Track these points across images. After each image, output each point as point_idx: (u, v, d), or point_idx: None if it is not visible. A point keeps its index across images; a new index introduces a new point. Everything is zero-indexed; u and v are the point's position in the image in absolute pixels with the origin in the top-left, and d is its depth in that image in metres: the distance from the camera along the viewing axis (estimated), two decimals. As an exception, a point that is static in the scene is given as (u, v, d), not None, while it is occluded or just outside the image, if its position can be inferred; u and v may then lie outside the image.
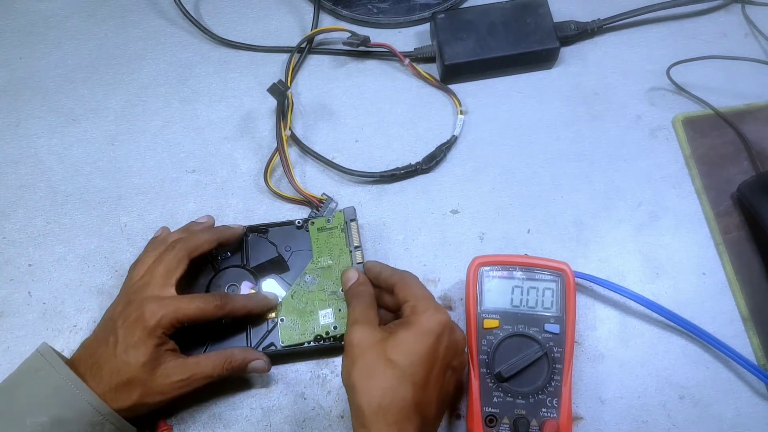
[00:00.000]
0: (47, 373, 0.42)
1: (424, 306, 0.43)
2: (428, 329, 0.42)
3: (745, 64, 0.60)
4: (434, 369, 0.41)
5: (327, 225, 0.53)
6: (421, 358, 0.41)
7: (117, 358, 0.43)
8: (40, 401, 0.41)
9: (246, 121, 0.60)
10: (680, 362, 0.51)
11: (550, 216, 0.56)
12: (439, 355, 0.42)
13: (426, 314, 0.42)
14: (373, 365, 0.40)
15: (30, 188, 0.57)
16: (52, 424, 0.40)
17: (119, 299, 0.47)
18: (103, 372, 0.43)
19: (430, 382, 0.41)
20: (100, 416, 0.42)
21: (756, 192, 0.54)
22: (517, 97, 0.61)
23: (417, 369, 0.40)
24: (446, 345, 0.42)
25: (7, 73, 0.62)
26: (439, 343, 0.42)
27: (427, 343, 0.41)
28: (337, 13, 0.64)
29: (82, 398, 0.41)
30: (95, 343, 0.45)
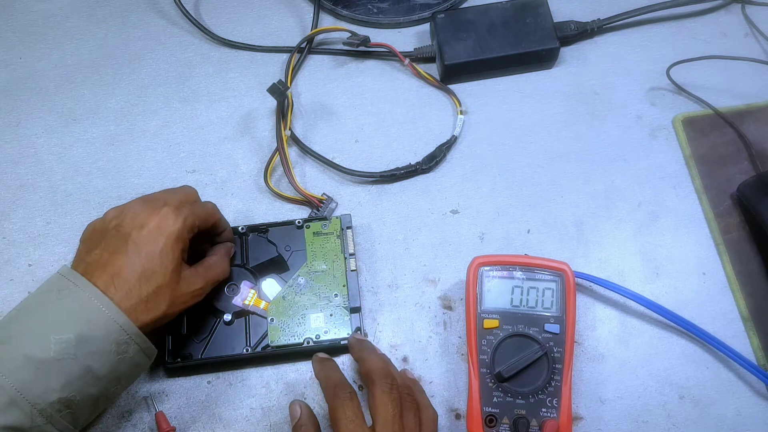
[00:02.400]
0: (71, 292, 0.40)
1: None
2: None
3: (745, 64, 0.60)
4: None
5: (323, 230, 0.53)
6: None
7: (144, 266, 0.41)
8: (65, 318, 0.39)
9: (246, 121, 0.60)
10: (680, 362, 0.51)
11: (550, 216, 0.56)
12: None
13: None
14: None
15: (30, 188, 0.57)
16: (78, 342, 0.38)
17: (121, 212, 0.44)
18: (130, 283, 0.41)
19: None
20: (127, 335, 0.40)
21: (756, 192, 0.54)
22: (517, 97, 0.61)
23: None
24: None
25: (7, 73, 0.62)
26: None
27: None
28: (337, 13, 0.64)
29: (109, 316, 0.39)
30: (107, 254, 0.42)
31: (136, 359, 0.41)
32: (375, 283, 0.53)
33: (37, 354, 0.38)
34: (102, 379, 0.40)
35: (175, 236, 0.43)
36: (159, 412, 0.48)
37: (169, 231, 0.42)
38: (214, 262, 0.47)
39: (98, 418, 0.49)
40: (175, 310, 0.43)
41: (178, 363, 0.49)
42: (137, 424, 0.49)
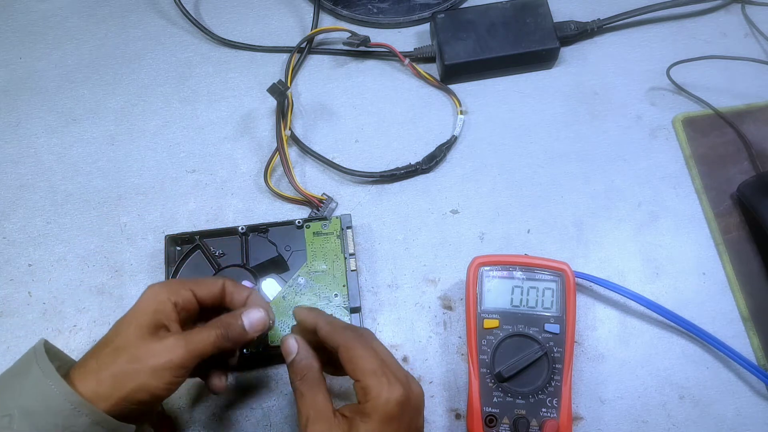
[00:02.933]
0: (28, 368, 0.38)
1: (377, 386, 0.38)
2: (387, 415, 0.38)
3: (745, 64, 0.60)
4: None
5: (323, 230, 0.53)
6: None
7: (108, 339, 0.39)
8: (15, 394, 0.37)
9: (246, 121, 0.60)
10: (680, 362, 0.51)
11: (550, 216, 0.56)
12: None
13: (381, 398, 0.38)
14: None
15: (30, 188, 0.57)
16: (21, 416, 0.35)
17: None
18: (92, 359, 0.38)
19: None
20: (71, 406, 0.36)
21: (756, 192, 0.54)
22: (517, 97, 0.61)
23: None
24: (408, 419, 0.39)
25: (7, 73, 0.62)
26: (401, 422, 0.38)
27: (390, 430, 0.38)
28: (337, 13, 0.64)
29: (50, 386, 0.36)
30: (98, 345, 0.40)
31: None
32: (375, 283, 0.53)
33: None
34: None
35: (150, 308, 0.40)
36: (159, 411, 0.48)
37: (143, 303, 0.40)
38: (203, 332, 0.40)
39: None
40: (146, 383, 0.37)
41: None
42: (137, 424, 0.49)
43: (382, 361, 0.39)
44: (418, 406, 0.40)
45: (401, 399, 0.38)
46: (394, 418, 0.38)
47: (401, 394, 0.38)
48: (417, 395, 0.40)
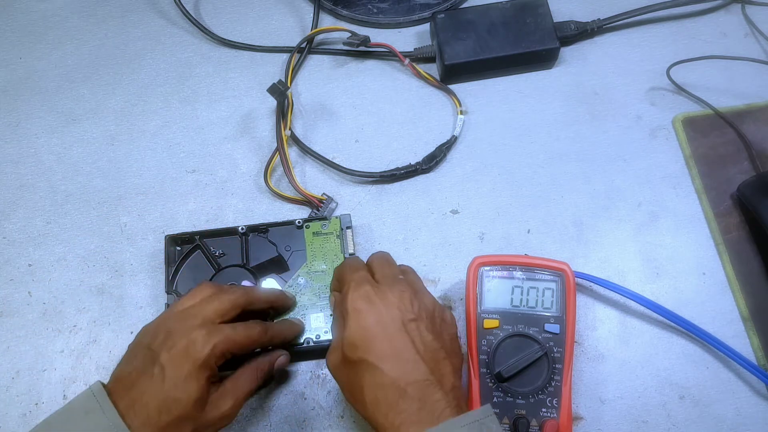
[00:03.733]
0: (95, 415, 0.38)
1: (345, 290, 0.42)
2: (356, 310, 0.41)
3: (745, 64, 0.60)
4: (392, 336, 0.40)
5: (323, 230, 0.53)
6: (370, 338, 0.40)
7: (165, 394, 0.39)
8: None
9: (246, 121, 0.60)
10: (680, 362, 0.51)
11: (550, 216, 0.56)
12: (385, 322, 0.40)
13: (347, 298, 0.42)
14: (348, 377, 0.41)
15: (30, 188, 0.58)
16: None
17: (158, 326, 0.42)
18: (150, 410, 0.39)
19: (398, 349, 0.40)
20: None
21: (756, 192, 0.54)
22: (517, 97, 0.61)
23: (376, 350, 0.40)
24: (385, 309, 0.41)
25: (7, 73, 0.62)
26: (375, 313, 0.41)
27: (365, 323, 0.40)
28: (337, 13, 0.64)
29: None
30: (135, 374, 0.40)
31: None
32: (375, 283, 0.53)
33: None
34: None
35: (201, 362, 0.40)
36: None
37: (195, 357, 0.40)
38: (242, 378, 0.44)
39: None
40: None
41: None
42: (137, 424, 0.49)
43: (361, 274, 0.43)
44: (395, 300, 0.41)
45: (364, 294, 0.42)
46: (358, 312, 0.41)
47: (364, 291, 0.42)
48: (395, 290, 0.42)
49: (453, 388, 0.40)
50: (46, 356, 0.51)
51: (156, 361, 0.40)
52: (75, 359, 0.51)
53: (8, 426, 0.49)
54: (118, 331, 0.52)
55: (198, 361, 0.40)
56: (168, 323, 0.42)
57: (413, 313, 0.41)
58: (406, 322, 0.41)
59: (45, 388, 0.50)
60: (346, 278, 0.43)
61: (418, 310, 0.42)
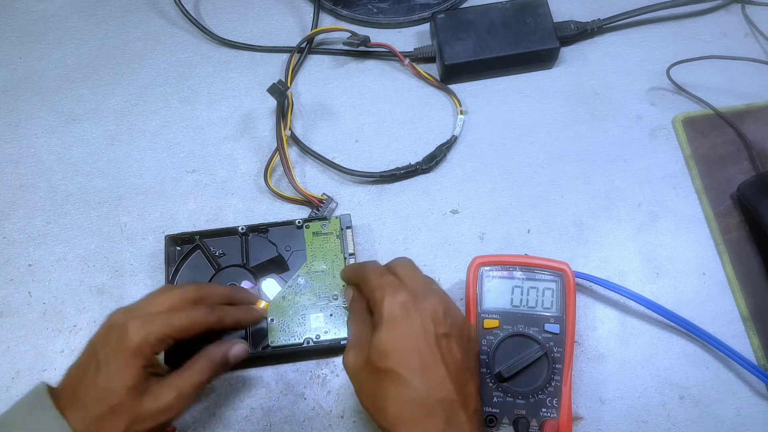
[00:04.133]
0: (35, 413, 0.39)
1: (380, 295, 0.40)
2: (391, 317, 0.39)
3: (745, 64, 0.60)
4: (424, 350, 0.39)
5: (322, 230, 0.53)
6: (402, 349, 0.38)
7: (100, 384, 0.39)
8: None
9: (246, 121, 0.60)
10: (680, 362, 0.51)
11: (550, 216, 0.56)
12: (419, 335, 0.39)
13: (383, 304, 0.40)
14: (371, 384, 0.39)
15: (30, 188, 0.57)
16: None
17: (102, 324, 0.42)
18: (86, 402, 0.39)
19: (429, 364, 0.38)
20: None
21: (756, 192, 0.54)
22: (517, 97, 0.61)
23: (407, 362, 0.38)
24: (420, 321, 0.39)
25: (7, 73, 0.62)
26: (410, 324, 0.39)
27: (399, 332, 0.39)
28: (337, 13, 0.64)
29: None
30: (77, 371, 0.41)
31: None
32: (375, 283, 0.53)
33: None
34: None
35: (133, 350, 0.39)
36: None
37: (127, 345, 0.40)
38: (190, 370, 0.42)
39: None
40: (142, 428, 0.39)
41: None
42: (137, 424, 0.49)
43: (392, 279, 0.41)
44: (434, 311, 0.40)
45: (403, 300, 0.40)
46: (397, 319, 0.39)
47: (404, 297, 0.40)
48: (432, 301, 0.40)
49: (476, 411, 0.40)
50: (46, 356, 0.51)
51: (94, 355, 0.40)
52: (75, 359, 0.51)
53: (8, 426, 0.49)
54: (118, 331, 0.52)
55: (130, 349, 0.39)
56: (111, 319, 0.42)
57: (446, 327, 0.40)
58: (439, 337, 0.39)
59: (45, 388, 0.50)
60: (377, 282, 0.41)
61: (451, 325, 0.41)
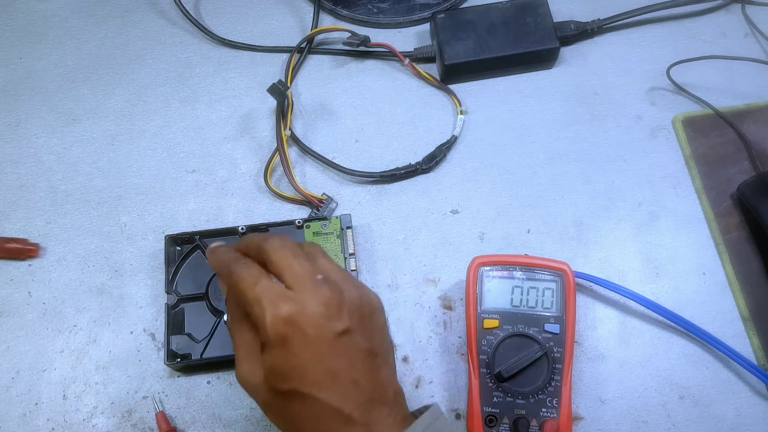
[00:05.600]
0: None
1: (259, 311, 0.35)
2: (279, 337, 0.34)
3: (745, 64, 0.60)
4: (325, 359, 0.34)
5: (323, 230, 0.53)
6: (301, 367, 0.34)
7: None
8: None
9: (246, 121, 0.60)
10: (680, 362, 0.51)
11: (550, 216, 0.56)
12: (315, 345, 0.34)
13: (266, 322, 0.34)
14: (276, 404, 0.36)
15: (30, 188, 0.57)
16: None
17: None
18: None
19: (334, 372, 0.34)
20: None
21: (756, 192, 0.54)
22: (517, 97, 0.61)
23: (310, 379, 0.34)
24: (314, 329, 0.34)
25: (7, 73, 0.62)
26: (302, 338, 0.34)
27: (292, 351, 0.34)
28: (337, 13, 0.64)
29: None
30: None
31: None
32: (375, 283, 0.53)
33: None
34: None
35: None
36: (159, 412, 0.49)
37: None
38: None
39: (98, 417, 0.49)
40: None
41: (177, 363, 0.49)
42: (137, 424, 0.49)
43: (266, 286, 0.35)
44: (324, 301, 0.35)
45: (287, 315, 0.34)
46: (288, 336, 0.34)
47: (287, 310, 0.34)
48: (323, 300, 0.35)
49: (395, 394, 0.37)
50: (46, 356, 0.51)
51: None
52: (75, 359, 0.51)
53: (8, 426, 0.49)
54: (118, 331, 0.52)
55: None
56: None
57: (343, 322, 0.35)
58: (337, 337, 0.35)
59: (45, 388, 0.50)
60: (251, 294, 0.35)
61: (348, 316, 0.35)
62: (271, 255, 0.37)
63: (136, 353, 0.51)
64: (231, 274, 0.37)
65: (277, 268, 0.36)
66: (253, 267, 0.37)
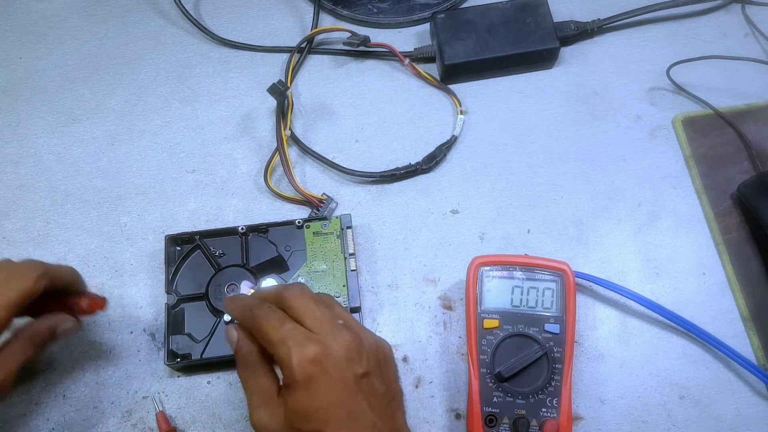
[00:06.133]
0: None
1: (285, 353, 0.36)
2: (306, 378, 0.35)
3: (745, 64, 0.60)
4: (347, 401, 0.36)
5: (323, 230, 0.53)
6: (325, 408, 0.35)
7: None
8: None
9: (246, 121, 0.60)
10: (680, 362, 0.51)
11: (550, 216, 0.56)
12: (338, 386, 0.36)
13: (293, 364, 0.36)
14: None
15: (30, 188, 0.57)
16: None
17: None
18: None
19: (355, 414, 0.36)
20: None
21: (756, 192, 0.54)
22: (517, 97, 0.61)
23: (333, 419, 0.35)
24: (337, 371, 0.36)
25: (7, 73, 0.62)
26: (327, 379, 0.36)
27: (317, 392, 0.36)
28: (337, 13, 0.64)
29: None
30: None
31: None
32: (375, 283, 0.53)
33: None
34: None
35: None
36: (159, 412, 0.49)
37: None
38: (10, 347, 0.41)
39: (98, 417, 0.49)
40: None
41: (177, 363, 0.49)
42: (137, 424, 0.49)
43: (292, 328, 0.37)
44: (342, 356, 0.36)
45: (313, 356, 0.36)
46: (314, 377, 0.36)
47: (313, 351, 0.36)
48: (340, 344, 0.37)
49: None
50: (45, 356, 0.51)
51: None
52: (74, 359, 0.51)
53: (8, 426, 0.49)
54: (118, 331, 0.52)
55: None
56: None
57: (363, 365, 0.37)
58: (358, 380, 0.37)
59: (45, 389, 0.50)
60: (276, 336, 0.37)
61: (367, 360, 0.37)
62: (291, 301, 0.39)
63: (136, 353, 0.51)
64: (255, 318, 0.38)
65: (298, 314, 0.38)
66: (277, 311, 0.38)
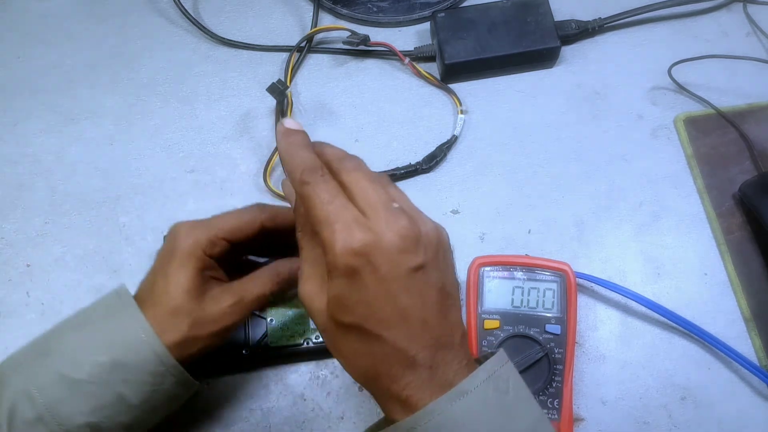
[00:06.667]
0: (117, 313, 0.39)
1: (329, 235, 0.31)
2: (348, 270, 0.31)
3: (747, 63, 0.60)
4: (395, 297, 0.32)
5: None
6: (368, 303, 0.31)
7: (159, 289, 0.39)
8: (104, 341, 0.38)
9: (245, 121, 0.60)
10: (682, 363, 0.51)
11: (550, 216, 0.56)
12: (387, 281, 0.31)
13: (335, 250, 0.31)
14: (335, 334, 0.33)
15: (28, 188, 0.57)
16: (112, 367, 0.37)
17: None
18: (153, 304, 0.39)
19: (404, 311, 0.32)
20: (163, 367, 0.37)
21: (758, 192, 0.53)
22: (517, 96, 0.61)
23: (377, 317, 0.32)
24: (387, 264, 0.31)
25: (6, 72, 0.62)
26: (372, 272, 0.31)
27: (360, 285, 0.31)
28: (336, 12, 0.64)
29: (147, 344, 0.37)
30: (146, 278, 0.41)
31: (173, 391, 0.39)
32: (375, 283, 0.53)
33: (71, 374, 0.37)
34: (135, 408, 0.38)
35: (185, 253, 0.39)
36: None
37: (179, 248, 0.39)
38: (253, 279, 0.41)
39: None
40: (203, 331, 0.39)
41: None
42: (136, 426, 0.49)
43: (342, 205, 0.32)
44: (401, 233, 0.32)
45: (360, 245, 0.31)
46: (357, 270, 0.31)
47: (360, 240, 0.31)
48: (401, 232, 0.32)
49: (461, 337, 0.34)
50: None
51: (156, 262, 0.41)
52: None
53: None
54: (116, 332, 0.52)
55: (182, 252, 0.39)
56: (171, 228, 0.42)
57: (420, 257, 0.32)
58: (412, 273, 0.32)
59: (43, 389, 0.50)
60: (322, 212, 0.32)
61: (425, 250, 0.33)
62: (344, 176, 0.34)
63: (134, 354, 0.51)
64: (303, 184, 0.33)
65: (349, 191, 0.33)
66: (330, 181, 0.33)
